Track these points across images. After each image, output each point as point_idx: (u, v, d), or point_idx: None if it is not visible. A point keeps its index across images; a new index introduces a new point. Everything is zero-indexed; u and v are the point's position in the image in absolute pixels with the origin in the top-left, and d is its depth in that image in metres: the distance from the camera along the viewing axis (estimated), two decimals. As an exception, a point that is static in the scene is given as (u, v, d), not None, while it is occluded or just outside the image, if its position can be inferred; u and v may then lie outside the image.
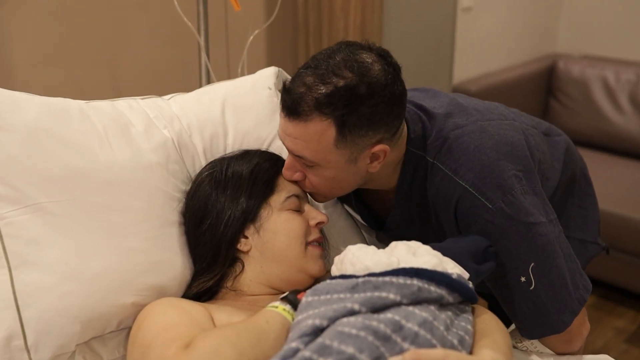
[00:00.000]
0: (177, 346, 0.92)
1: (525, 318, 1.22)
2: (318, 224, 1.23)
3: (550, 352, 1.28)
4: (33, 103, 1.18)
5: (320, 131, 1.11)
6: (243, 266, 1.20)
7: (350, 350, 0.85)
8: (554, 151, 1.48)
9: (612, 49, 3.49)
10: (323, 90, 1.09)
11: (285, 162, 1.23)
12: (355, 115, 1.10)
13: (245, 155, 1.28)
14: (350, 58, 1.11)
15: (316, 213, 1.24)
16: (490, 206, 1.15)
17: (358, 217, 1.51)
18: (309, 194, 1.28)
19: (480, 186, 1.17)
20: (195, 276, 1.21)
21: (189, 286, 1.21)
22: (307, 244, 1.21)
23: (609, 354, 1.28)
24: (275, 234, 1.18)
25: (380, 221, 1.45)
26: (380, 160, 1.18)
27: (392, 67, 1.14)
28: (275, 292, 1.19)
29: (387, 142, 1.17)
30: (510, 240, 1.16)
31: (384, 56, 1.15)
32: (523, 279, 1.17)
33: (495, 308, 1.41)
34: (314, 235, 1.22)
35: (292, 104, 1.11)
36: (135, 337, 1.03)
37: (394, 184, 1.29)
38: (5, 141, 1.12)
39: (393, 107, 1.14)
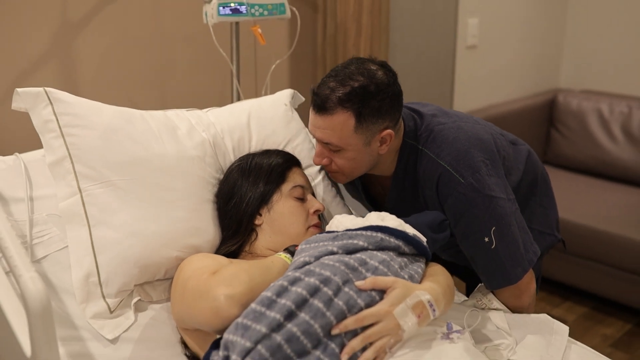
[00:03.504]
0: (208, 273, 1.17)
1: (488, 271, 1.45)
2: (315, 211, 1.46)
3: (504, 308, 1.47)
4: (109, 110, 1.45)
5: (343, 121, 1.37)
6: (257, 235, 1.43)
7: (327, 273, 1.10)
8: (518, 156, 1.71)
9: (609, 83, 3.58)
10: (343, 91, 1.36)
11: (315, 151, 1.48)
12: (368, 107, 1.36)
13: (267, 152, 1.54)
14: (361, 67, 1.39)
15: (315, 202, 1.48)
16: (463, 181, 1.40)
17: (351, 209, 1.75)
18: (333, 177, 1.54)
19: (456, 166, 1.41)
20: (223, 242, 1.45)
21: (218, 249, 1.44)
22: (309, 227, 1.44)
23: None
24: (282, 215, 1.42)
25: (378, 204, 1.71)
26: (387, 143, 1.43)
27: (391, 73, 1.42)
28: None
29: (392, 129, 1.43)
30: (477, 208, 1.40)
31: (384, 65, 1.43)
32: (486, 239, 1.40)
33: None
34: (313, 221, 1.46)
35: (320, 102, 1.38)
36: (177, 278, 1.26)
37: (392, 170, 1.54)
38: (88, 136, 1.38)
39: (394, 101, 1.41)
